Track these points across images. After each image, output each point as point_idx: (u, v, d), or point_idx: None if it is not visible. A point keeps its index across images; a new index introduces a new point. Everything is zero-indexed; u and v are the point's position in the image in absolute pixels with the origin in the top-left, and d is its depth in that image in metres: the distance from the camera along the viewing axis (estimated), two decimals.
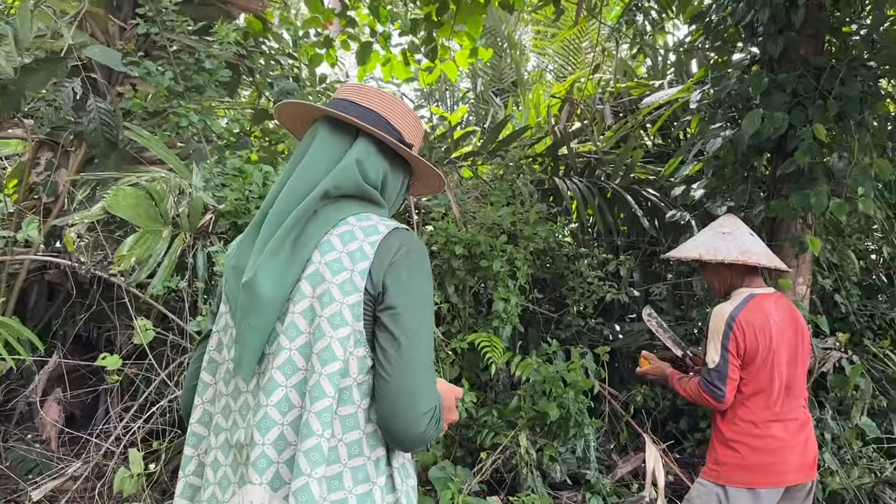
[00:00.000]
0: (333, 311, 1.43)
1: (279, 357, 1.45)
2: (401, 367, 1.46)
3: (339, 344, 1.42)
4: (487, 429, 3.91)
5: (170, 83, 3.67)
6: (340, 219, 1.53)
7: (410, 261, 1.52)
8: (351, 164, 1.56)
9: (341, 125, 1.63)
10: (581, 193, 5.17)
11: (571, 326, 4.75)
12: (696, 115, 5.08)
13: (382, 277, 1.47)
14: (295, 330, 1.45)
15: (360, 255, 1.47)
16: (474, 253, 4.09)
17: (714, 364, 2.87)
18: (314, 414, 1.40)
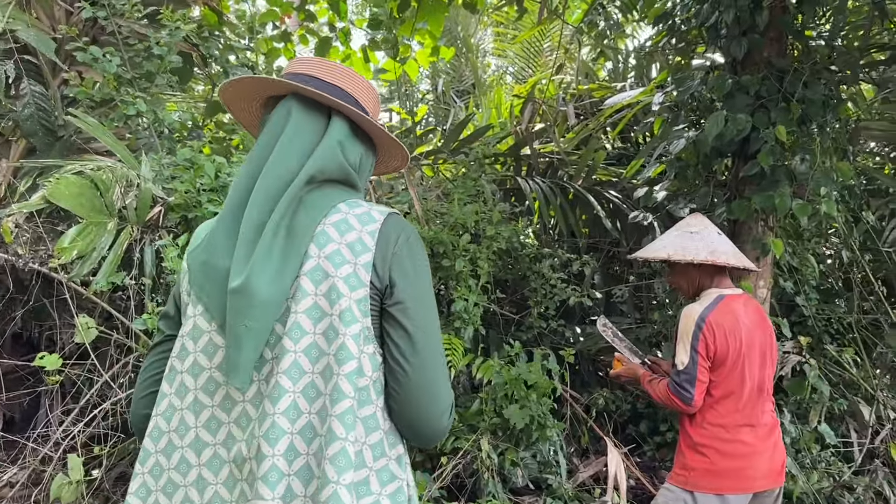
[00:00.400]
0: (343, 307, 1.35)
1: (283, 361, 1.33)
2: (419, 363, 1.41)
3: (353, 341, 1.34)
4: (453, 437, 3.80)
5: (117, 70, 3.49)
6: (331, 206, 1.42)
7: (412, 250, 1.46)
8: (333, 145, 1.46)
9: (312, 104, 1.50)
10: (543, 194, 5.09)
11: (533, 328, 4.67)
12: (658, 117, 5.05)
13: (388, 271, 1.40)
14: (299, 331, 1.34)
15: (361, 247, 1.39)
16: (436, 252, 3.98)
17: (683, 366, 2.80)
18: (335, 417, 1.31)
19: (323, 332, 1.35)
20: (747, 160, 4.38)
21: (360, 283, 1.37)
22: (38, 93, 3.39)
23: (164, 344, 1.54)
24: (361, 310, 1.36)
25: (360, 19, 6.89)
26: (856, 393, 5.06)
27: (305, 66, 1.57)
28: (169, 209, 3.28)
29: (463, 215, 3.98)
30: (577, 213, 5.56)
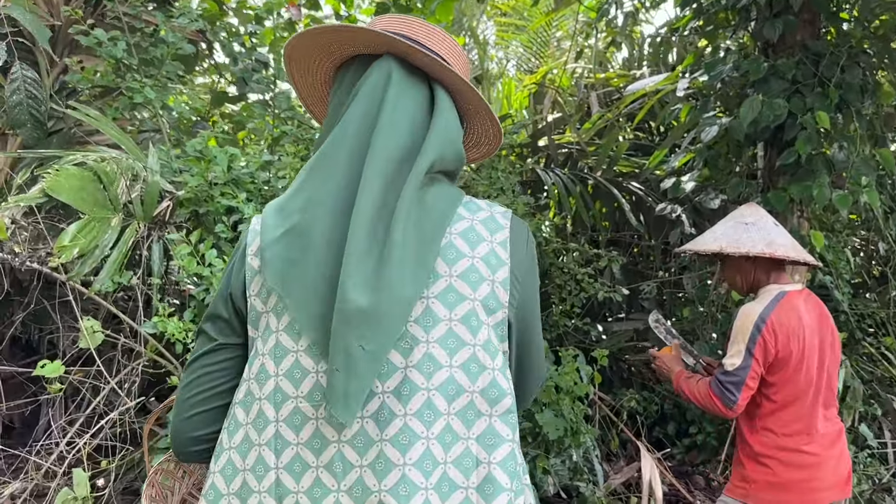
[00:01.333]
0: (485, 337, 1.15)
1: (414, 400, 1.10)
2: (531, 372, 1.33)
3: (503, 375, 1.16)
4: None
5: (122, 55, 3.25)
6: (453, 211, 1.19)
7: (534, 255, 1.29)
8: (451, 125, 1.23)
9: (413, 70, 1.25)
10: (564, 185, 4.87)
11: (557, 327, 4.44)
12: (685, 104, 4.82)
13: (520, 289, 1.21)
14: (433, 364, 1.11)
15: (497, 261, 1.18)
16: None
17: (733, 367, 2.57)
18: (497, 465, 1.11)
19: (462, 364, 1.13)
20: (782, 148, 4.17)
21: (499, 305, 1.17)
22: (30, 78, 3.11)
23: (215, 354, 1.25)
24: (499, 335, 1.18)
25: (367, 8, 6.66)
26: (888, 390, 4.86)
27: (399, 25, 1.31)
28: (178, 204, 3.05)
29: None
30: (598, 205, 5.35)
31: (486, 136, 1.43)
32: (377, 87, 1.22)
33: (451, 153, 1.22)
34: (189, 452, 1.27)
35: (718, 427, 4.60)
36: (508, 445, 1.13)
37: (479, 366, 1.13)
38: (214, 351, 1.26)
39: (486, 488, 1.09)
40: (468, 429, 1.12)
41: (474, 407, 1.13)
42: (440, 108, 1.23)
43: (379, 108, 1.20)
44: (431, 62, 1.23)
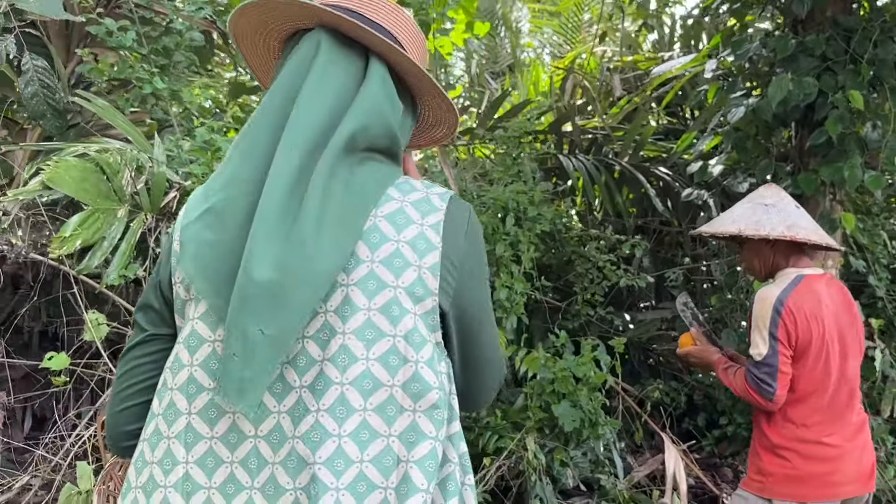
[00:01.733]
0: (409, 326, 1.07)
1: (327, 395, 1.03)
2: (483, 369, 1.23)
3: (429, 368, 1.06)
4: (490, 431, 3.51)
5: (132, 44, 3.23)
6: (382, 192, 1.11)
7: (478, 241, 1.20)
8: (377, 95, 1.14)
9: (347, 41, 1.17)
10: (588, 172, 4.76)
11: (579, 316, 4.35)
12: (712, 85, 4.67)
13: (456, 275, 1.12)
14: (348, 356, 1.04)
15: (426, 245, 1.09)
16: None
17: (762, 357, 2.46)
18: (415, 463, 1.03)
19: (379, 357, 1.05)
20: (812, 129, 4.02)
21: (427, 292, 1.08)
22: (41, 68, 3.11)
23: (147, 345, 1.20)
24: (429, 325, 1.09)
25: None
26: None
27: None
28: (185, 194, 3.03)
29: (504, 196, 3.67)
30: (625, 191, 5.23)
31: (443, 115, 1.35)
32: (305, 58, 1.16)
33: (377, 126, 1.13)
34: (123, 447, 1.22)
35: (749, 418, 4.46)
36: (429, 443, 1.05)
37: (399, 358, 1.06)
38: (146, 342, 1.21)
39: (402, 488, 1.02)
40: (389, 426, 1.05)
41: (395, 402, 1.05)
42: (370, 79, 1.15)
43: (304, 79, 1.13)
44: (365, 34, 1.15)
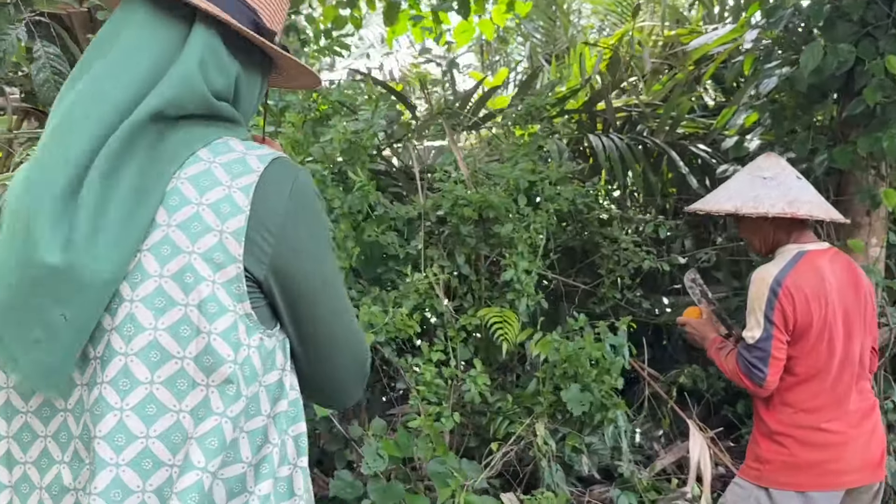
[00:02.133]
0: (204, 294, 1.00)
1: (110, 366, 0.99)
2: (328, 352, 1.16)
3: (224, 340, 0.99)
4: (501, 416, 3.44)
5: None
6: (191, 153, 1.04)
7: (306, 208, 1.10)
8: (192, 68, 1.05)
9: (168, 5, 1.08)
10: (619, 151, 4.60)
11: (607, 300, 4.21)
12: (747, 56, 4.44)
13: (270, 239, 1.04)
14: (134, 326, 0.99)
15: (231, 208, 1.02)
16: (487, 217, 3.61)
17: (754, 340, 2.32)
18: (196, 440, 0.98)
19: (169, 327, 1.00)
20: (852, 98, 3.77)
21: (230, 258, 1.01)
22: (52, 54, 3.15)
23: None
24: (233, 294, 1.01)
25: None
26: None
27: None
28: None
29: (515, 176, 3.58)
30: (664, 171, 5.03)
31: (296, 70, 1.28)
32: (113, 27, 1.09)
33: (189, 97, 1.04)
34: None
35: None
36: (215, 419, 0.99)
37: (192, 329, 0.99)
38: None
39: (183, 466, 0.97)
40: (179, 400, 0.99)
41: (186, 375, 0.99)
42: (188, 46, 1.07)
43: (108, 50, 1.06)
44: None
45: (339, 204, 2.95)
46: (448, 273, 3.60)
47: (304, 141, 2.97)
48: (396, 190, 3.91)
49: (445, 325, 3.52)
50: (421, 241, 3.45)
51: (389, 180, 3.95)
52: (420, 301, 3.34)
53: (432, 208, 3.52)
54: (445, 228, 3.61)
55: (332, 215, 2.96)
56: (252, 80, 1.19)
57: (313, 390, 1.18)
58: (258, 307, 1.05)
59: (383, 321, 3.03)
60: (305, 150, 2.98)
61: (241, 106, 1.17)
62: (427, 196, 3.56)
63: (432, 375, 3.21)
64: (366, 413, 3.58)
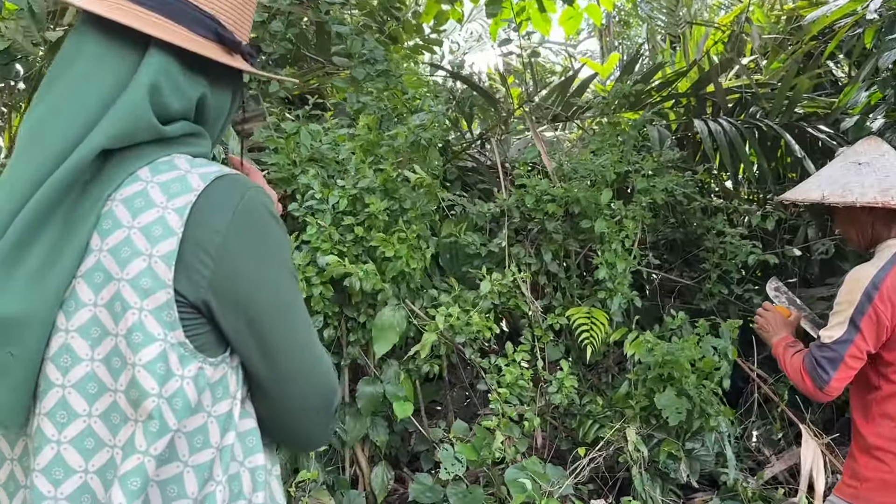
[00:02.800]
0: (131, 322, 0.96)
1: (49, 398, 0.98)
2: (283, 385, 1.07)
3: (149, 373, 0.95)
4: (591, 420, 3.30)
5: None
6: (130, 173, 1.01)
7: (254, 230, 1.03)
8: (138, 97, 1.00)
9: (120, 28, 1.02)
10: (729, 136, 4.31)
11: (714, 295, 3.97)
12: (868, 27, 4.05)
13: (210, 264, 0.99)
14: (71, 357, 0.98)
15: (163, 231, 0.97)
16: (573, 212, 3.47)
17: (830, 339, 2.09)
18: (118, 480, 0.95)
19: (103, 358, 0.98)
20: None
21: (158, 284, 0.96)
22: None
23: None
24: (164, 321, 0.96)
25: None
26: None
27: None
28: None
29: (601, 168, 3.42)
30: (781, 155, 4.68)
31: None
32: (64, 62, 1.05)
33: (135, 129, 1.00)
34: None
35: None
36: (137, 458, 0.94)
37: (122, 360, 0.96)
38: None
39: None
40: (114, 435, 0.96)
41: (119, 409, 0.96)
42: (138, 76, 1.01)
43: (58, 82, 1.03)
44: (134, 21, 1.01)
45: (410, 205, 2.91)
46: (534, 271, 3.49)
47: (375, 142, 2.94)
48: (485, 186, 3.83)
49: (532, 324, 3.41)
50: (504, 239, 3.36)
51: (476, 176, 3.87)
52: (502, 300, 3.25)
53: (516, 204, 3.42)
54: (532, 224, 3.50)
55: (405, 216, 2.92)
56: (222, 91, 1.15)
57: (269, 427, 1.10)
58: (199, 334, 1.00)
59: (460, 321, 2.97)
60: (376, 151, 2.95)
61: (208, 118, 1.13)
62: (511, 192, 3.46)
63: (514, 377, 3.12)
64: (453, 414, 3.53)
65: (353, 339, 3.07)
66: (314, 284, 2.82)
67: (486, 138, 3.89)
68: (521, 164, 3.44)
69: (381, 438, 3.14)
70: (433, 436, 3.16)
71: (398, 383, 3.11)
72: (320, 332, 2.97)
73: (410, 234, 2.85)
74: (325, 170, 3.07)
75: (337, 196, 2.81)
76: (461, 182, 3.81)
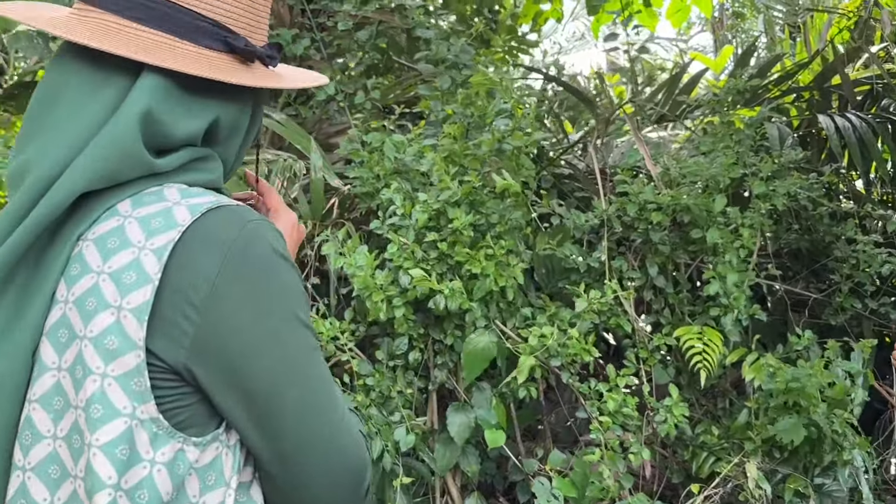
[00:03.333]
0: (90, 392, 0.79)
1: (11, 483, 0.84)
2: (297, 464, 0.87)
3: (105, 457, 0.78)
4: (707, 452, 2.98)
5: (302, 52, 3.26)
6: (107, 208, 0.84)
7: (253, 273, 0.84)
8: (126, 128, 0.84)
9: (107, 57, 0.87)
10: (858, 132, 3.88)
11: (845, 310, 3.56)
12: None
13: (196, 318, 0.81)
14: (32, 433, 0.82)
15: (136, 277, 0.80)
16: (682, 221, 3.16)
17: None
18: None
19: (65, 436, 0.81)
20: None
21: (127, 344, 0.79)
22: None
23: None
24: (132, 391, 0.80)
25: None
26: None
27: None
28: (344, 199, 2.97)
29: (711, 172, 3.09)
30: None
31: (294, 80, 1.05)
32: (47, 92, 0.89)
33: (121, 166, 0.84)
34: None
35: None
36: None
37: (81, 440, 0.79)
38: None
39: None
40: None
41: (78, 499, 0.80)
42: (126, 103, 0.85)
43: (41, 111, 0.88)
44: (116, 47, 0.85)
45: (497, 219, 2.69)
46: (639, 286, 3.20)
47: (460, 152, 2.74)
48: (583, 195, 3.57)
49: (637, 345, 3.13)
50: (604, 252, 3.09)
51: (574, 184, 3.61)
52: (602, 319, 2.99)
53: (616, 214, 3.14)
54: (635, 235, 3.21)
55: (493, 230, 2.70)
56: (239, 106, 0.97)
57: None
58: (180, 407, 0.82)
59: (555, 343, 2.73)
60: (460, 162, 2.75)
61: (219, 139, 0.96)
62: (611, 200, 3.19)
63: (617, 404, 2.84)
64: (550, 441, 3.28)
65: (440, 363, 2.88)
66: (397, 306, 2.65)
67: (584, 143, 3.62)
68: (622, 170, 3.16)
69: (472, 468, 2.93)
70: (527, 468, 2.92)
71: (490, 409, 2.90)
72: (405, 355, 2.79)
73: (498, 249, 2.63)
74: (410, 183, 2.89)
75: (419, 211, 2.63)
76: (557, 190, 3.55)
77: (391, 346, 2.82)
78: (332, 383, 0.92)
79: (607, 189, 3.27)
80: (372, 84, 3.18)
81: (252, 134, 1.03)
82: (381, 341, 2.87)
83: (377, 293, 2.62)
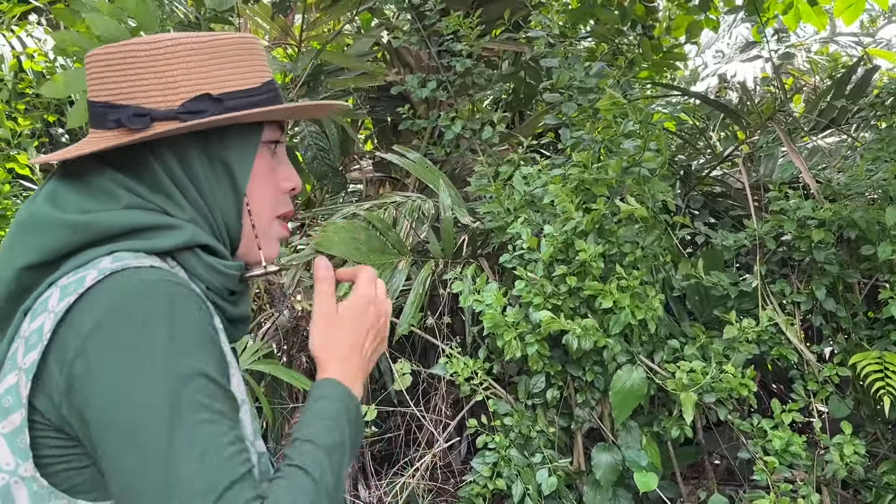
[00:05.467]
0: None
1: None
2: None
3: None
4: (892, 493, 2.62)
5: (431, 94, 3.28)
6: (50, 283, 0.89)
7: (125, 328, 0.81)
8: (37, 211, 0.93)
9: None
10: None
11: None
12: None
13: (66, 372, 0.82)
14: None
15: (35, 339, 0.84)
16: (849, 237, 2.84)
17: None
18: None
19: None
20: None
21: (17, 403, 0.83)
22: (314, 132, 3.31)
23: None
24: (17, 449, 0.82)
25: None
26: None
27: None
28: (475, 235, 2.92)
29: (882, 180, 2.76)
30: None
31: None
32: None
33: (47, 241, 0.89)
34: None
35: None
36: None
37: None
38: None
39: None
40: None
41: None
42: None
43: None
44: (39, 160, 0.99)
45: (629, 248, 2.53)
46: (805, 310, 2.90)
47: (588, 180, 2.62)
48: (738, 213, 3.31)
49: (805, 376, 2.83)
50: (758, 276, 2.83)
51: (728, 202, 3.36)
52: (763, 349, 2.73)
53: (771, 233, 2.88)
54: (797, 255, 2.92)
55: (625, 260, 2.55)
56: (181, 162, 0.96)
57: None
58: (75, 469, 0.83)
59: (704, 378, 2.52)
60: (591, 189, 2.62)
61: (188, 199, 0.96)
62: (765, 218, 2.93)
63: (783, 442, 2.57)
64: (714, 481, 3.02)
65: (581, 401, 2.73)
66: (529, 343, 2.55)
67: (734, 158, 3.37)
68: (775, 185, 2.89)
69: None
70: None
71: (639, 449, 2.72)
72: (542, 393, 2.68)
73: (632, 280, 2.47)
74: (540, 215, 2.80)
75: (545, 244, 2.53)
76: (709, 210, 3.32)
77: (528, 384, 2.72)
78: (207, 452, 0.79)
79: (760, 206, 3.00)
80: (498, 118, 3.11)
81: (239, 180, 0.98)
82: (519, 379, 2.78)
83: (508, 331, 2.54)
